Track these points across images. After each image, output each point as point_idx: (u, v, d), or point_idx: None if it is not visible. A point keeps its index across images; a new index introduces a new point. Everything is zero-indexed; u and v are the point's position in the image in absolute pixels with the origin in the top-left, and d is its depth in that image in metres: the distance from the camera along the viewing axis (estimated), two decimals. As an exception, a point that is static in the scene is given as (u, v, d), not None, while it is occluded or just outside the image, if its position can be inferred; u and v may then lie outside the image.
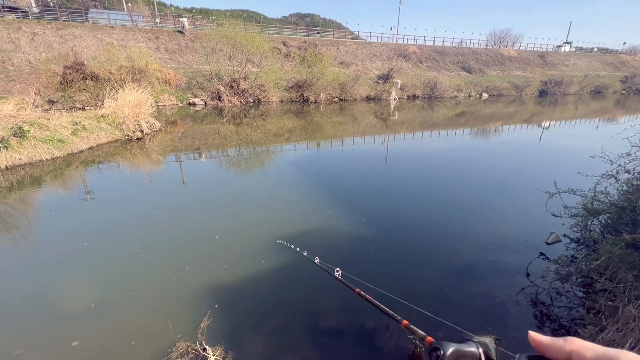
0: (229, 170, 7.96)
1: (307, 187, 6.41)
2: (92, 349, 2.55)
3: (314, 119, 16.18)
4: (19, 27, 19.98)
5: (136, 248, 3.99)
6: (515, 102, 26.25)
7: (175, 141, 10.41)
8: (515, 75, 35.14)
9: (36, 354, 2.50)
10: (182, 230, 4.57)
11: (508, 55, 38.01)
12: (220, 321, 2.81)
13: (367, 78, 26.40)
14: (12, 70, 17.53)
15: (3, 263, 3.82)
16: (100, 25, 22.95)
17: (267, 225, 4.73)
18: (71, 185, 6.41)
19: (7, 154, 6.87)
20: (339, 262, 3.83)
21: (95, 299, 3.11)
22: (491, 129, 14.43)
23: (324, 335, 2.73)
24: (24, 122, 7.83)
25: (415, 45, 34.69)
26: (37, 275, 3.54)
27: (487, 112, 20.46)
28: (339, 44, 30.15)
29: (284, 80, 22.94)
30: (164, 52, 22.71)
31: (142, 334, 2.70)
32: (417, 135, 12.49)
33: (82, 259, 3.81)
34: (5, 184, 6.15)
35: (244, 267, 3.66)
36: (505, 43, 48.32)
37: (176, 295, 3.18)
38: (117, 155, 8.48)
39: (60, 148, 7.85)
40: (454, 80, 30.03)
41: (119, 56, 18.31)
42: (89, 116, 9.81)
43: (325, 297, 3.21)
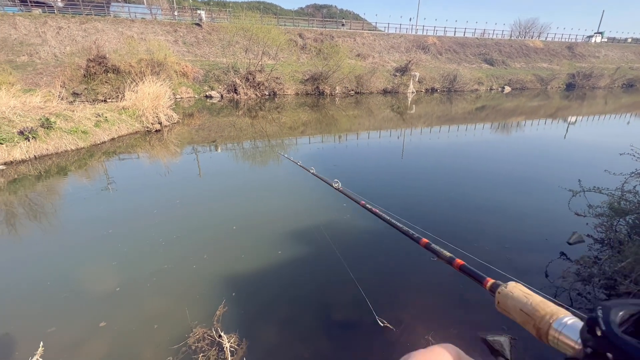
0: (244, 162, 8.06)
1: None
2: (118, 329, 2.69)
3: (329, 112, 16.09)
4: (45, 22, 20.71)
5: (157, 236, 4.13)
6: (539, 95, 25.22)
7: (192, 133, 10.61)
8: (540, 68, 33.67)
9: (67, 332, 2.65)
10: (201, 220, 4.68)
11: (533, 47, 36.39)
12: (235, 309, 2.88)
13: (384, 71, 25.95)
14: (39, 64, 18.24)
15: (35, 247, 4.03)
16: (121, 19, 23.47)
17: (282, 217, 4.78)
18: (94, 175, 6.66)
19: (35, 144, 7.19)
20: (351, 253, 3.85)
21: (120, 283, 3.25)
22: (513, 124, 13.94)
23: (337, 327, 2.75)
24: (50, 113, 8.16)
25: (435, 36, 33.71)
26: (67, 259, 3.73)
27: (509, 106, 19.75)
28: (355, 36, 29.69)
29: (300, 73, 22.86)
30: (181, 45, 23.03)
31: (162, 318, 2.81)
32: (434, 130, 12.22)
33: (107, 245, 3.97)
34: (34, 172, 6.46)
35: (261, 258, 3.72)
36: (531, 34, 46.23)
37: (194, 283, 3.28)
38: (137, 146, 8.73)
39: (84, 139, 8.15)
40: (474, 72, 29.09)
41: (138, 49, 18.72)
42: (110, 108, 10.12)
43: (338, 290, 3.23)
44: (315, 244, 4.07)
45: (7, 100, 8.36)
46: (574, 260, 3.65)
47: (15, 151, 6.85)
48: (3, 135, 6.84)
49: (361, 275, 3.48)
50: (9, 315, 2.85)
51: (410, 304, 3.07)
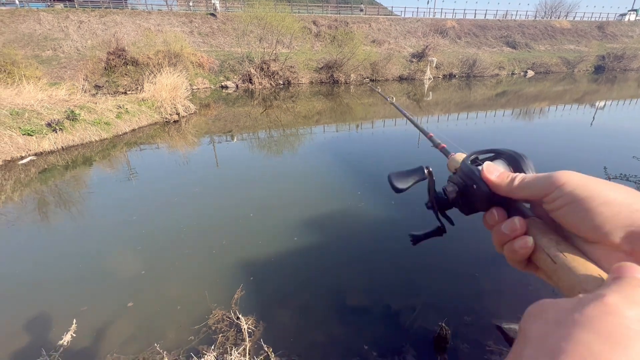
0: (260, 152, 8.15)
1: (336, 169, 6.43)
2: (144, 310, 2.86)
3: (343, 100, 15.93)
4: (67, 16, 21.28)
5: (179, 222, 4.30)
6: (565, 79, 23.99)
7: (209, 124, 10.79)
8: (567, 50, 31.88)
9: (99, 311, 2.84)
10: (219, 207, 4.83)
11: (560, 28, 34.41)
12: (252, 293, 2.99)
13: (400, 57, 25.29)
14: (63, 58, 18.86)
15: (66, 233, 4.29)
16: (138, 11, 23.79)
17: (298, 204, 4.85)
18: (117, 165, 6.93)
19: (62, 136, 7.53)
20: (365, 240, 3.88)
21: (144, 266, 3.44)
22: (535, 110, 13.38)
23: (350, 312, 2.81)
24: (75, 106, 8.49)
25: (454, 19, 32.41)
26: (96, 244, 3.95)
27: (532, 91, 18.92)
28: (371, 21, 28.96)
29: (314, 61, 22.62)
30: (197, 35, 23.18)
31: (184, 300, 2.96)
32: (452, 117, 11.91)
33: (132, 231, 4.18)
34: (62, 163, 6.78)
35: (277, 244, 3.82)
36: (558, 13, 43.65)
37: (213, 267, 3.42)
38: (157, 137, 8.98)
39: (106, 130, 8.45)
40: (495, 56, 27.89)
41: (155, 41, 19.00)
42: (130, 100, 10.40)
43: (353, 276, 3.28)
44: (330, 231, 4.12)
45: (35, 93, 8.75)
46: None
47: (44, 142, 7.20)
48: (33, 128, 7.19)
49: (375, 261, 3.51)
50: (46, 295, 3.07)
51: (424, 290, 3.09)
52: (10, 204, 5.11)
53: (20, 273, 3.40)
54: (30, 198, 5.38)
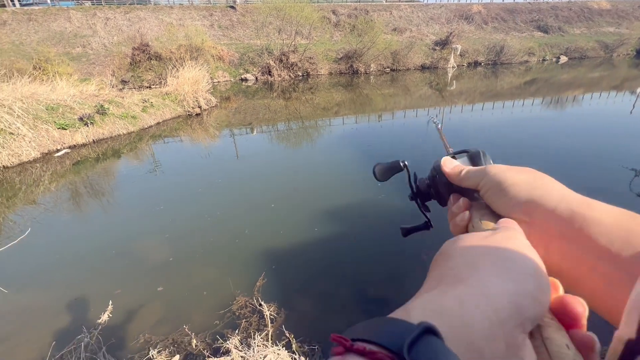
0: (279, 144, 8.22)
1: (356, 160, 6.39)
2: (173, 294, 3.01)
3: (363, 91, 15.70)
4: (94, 14, 22.07)
5: (203, 212, 4.45)
6: (602, 65, 22.45)
7: (229, 116, 10.97)
8: (605, 33, 29.68)
9: (131, 294, 3.02)
10: (241, 198, 4.95)
11: (598, 9, 32.02)
12: (274, 281, 3.06)
13: (423, 45, 24.48)
14: (91, 54, 19.66)
15: (99, 221, 4.54)
16: (160, 6, 24.29)
17: (318, 195, 4.88)
18: (144, 157, 7.21)
19: (93, 129, 7.90)
20: (387, 231, 3.85)
21: (172, 253, 3.60)
22: (568, 98, 12.64)
23: (370, 302, 2.83)
24: (104, 100, 8.86)
25: (480, 4, 30.88)
26: (127, 232, 4.18)
27: (565, 78, 17.85)
28: (392, 9, 28.14)
29: (333, 52, 22.34)
30: (217, 28, 23.43)
31: (209, 286, 3.09)
32: (476, 107, 11.47)
33: (160, 220, 4.37)
34: (93, 155, 7.14)
35: (298, 234, 3.88)
36: (595, -7, 40.53)
37: (236, 255, 3.54)
38: (180, 130, 9.24)
39: (133, 124, 8.78)
40: (525, 42, 26.43)
41: (177, 35, 19.38)
42: (155, 94, 10.72)
43: (373, 267, 3.29)
44: (350, 221, 4.13)
45: (67, 89, 9.19)
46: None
47: (77, 136, 7.58)
48: (67, 122, 7.59)
49: (397, 253, 3.49)
50: (84, 278, 3.29)
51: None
52: (47, 194, 5.45)
53: (61, 258, 3.65)
54: (65, 188, 5.72)
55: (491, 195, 0.40)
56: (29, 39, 19.76)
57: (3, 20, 20.30)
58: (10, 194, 5.38)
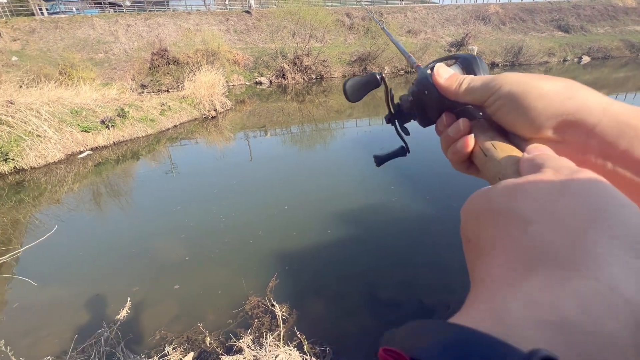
0: (292, 146, 8.29)
1: (369, 163, 6.37)
2: (189, 292, 3.09)
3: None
4: (116, 21, 22.92)
5: (218, 213, 4.54)
6: (628, 65, 21.55)
7: (244, 119, 11.14)
8: (631, 32, 28.49)
9: (149, 292, 3.12)
10: (256, 199, 5.02)
11: (623, 6, 30.80)
12: (286, 282, 3.09)
13: (438, 46, 24.20)
14: (113, 60, 20.40)
15: (118, 221, 4.71)
16: (179, 12, 25.00)
17: (331, 198, 4.89)
18: (161, 158, 7.42)
19: (114, 132, 8.19)
20: (399, 235, 3.82)
21: (188, 253, 3.69)
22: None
23: (382, 306, 2.81)
24: (124, 104, 9.18)
25: (498, 4, 30.26)
26: (145, 231, 4.33)
27: (587, 78, 17.24)
28: (406, 11, 27.96)
29: (347, 54, 22.37)
30: (233, 33, 23.88)
31: (223, 285, 3.15)
32: (493, 109, 11.23)
33: (176, 220, 4.49)
34: (114, 157, 7.40)
35: (311, 236, 3.92)
36: (620, -9, 39.04)
37: (250, 256, 3.60)
38: (196, 132, 9.46)
39: (152, 126, 9.05)
40: (545, 42, 25.70)
41: (195, 40, 19.89)
42: (172, 97, 11.02)
43: (385, 270, 3.27)
44: (363, 224, 4.12)
45: (90, 93, 9.58)
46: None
47: (99, 138, 7.88)
48: (89, 125, 7.90)
49: (409, 256, 3.46)
50: (104, 276, 3.42)
51: (458, 287, 3.00)
52: (71, 194, 5.69)
53: (83, 256, 3.81)
54: (87, 189, 5.95)
55: (507, 112, 0.31)
56: (55, 46, 20.71)
57: (32, 28, 21.36)
58: (36, 193, 5.64)
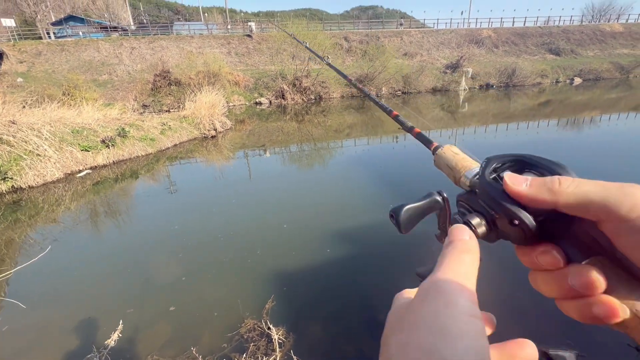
0: (291, 165, 8.33)
1: (368, 182, 6.38)
2: (184, 314, 3.01)
3: (374, 113, 15.90)
4: (121, 44, 23.60)
5: (217, 232, 4.51)
6: (619, 86, 22.11)
7: (243, 138, 11.26)
8: (620, 55, 29.47)
9: (143, 314, 3.03)
10: (254, 219, 4.99)
11: (611, 31, 32.02)
12: (284, 303, 3.01)
13: (433, 68, 24.87)
14: (116, 81, 20.84)
15: (115, 240, 4.65)
16: (182, 36, 25.82)
17: (330, 217, 4.86)
18: (160, 177, 7.42)
19: (114, 151, 8.24)
20: (397, 255, 3.77)
21: (185, 273, 3.63)
22: (585, 120, 12.42)
23: (381, 328, 2.73)
24: (125, 124, 9.29)
25: (490, 28, 31.42)
26: (142, 251, 4.26)
27: (580, 99, 17.63)
28: (402, 35, 28.94)
29: (345, 76, 22.93)
30: (234, 55, 24.56)
31: (220, 307, 3.07)
32: (490, 129, 11.40)
33: (174, 239, 4.44)
34: (112, 176, 7.40)
35: (309, 255, 3.87)
36: (608, 17, 40.78)
37: (248, 276, 3.53)
38: (196, 151, 9.52)
39: (151, 145, 9.12)
40: (537, 64, 26.47)
41: (196, 62, 20.40)
42: (173, 117, 11.18)
43: (385, 291, 3.20)
44: (362, 244, 4.07)
45: (92, 113, 9.72)
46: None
47: (99, 157, 7.92)
48: (90, 144, 7.96)
49: (408, 277, 3.40)
50: (98, 297, 3.33)
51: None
52: (68, 213, 5.64)
53: (78, 276, 3.73)
54: (84, 208, 5.91)
55: None
56: (60, 68, 21.21)
57: (39, 51, 21.95)
58: (33, 212, 5.60)
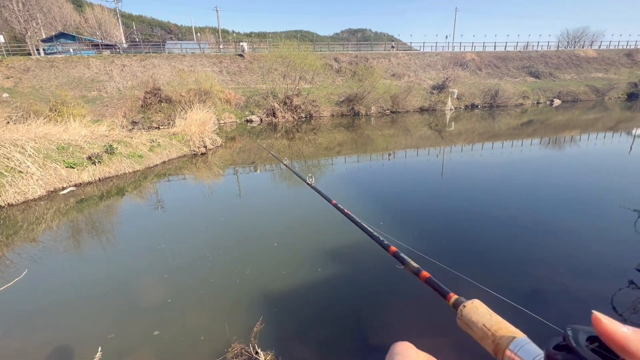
0: (282, 182, 8.31)
1: (358, 199, 6.40)
2: (169, 338, 2.87)
3: (364, 132, 16.17)
4: (112, 61, 23.66)
5: (205, 251, 4.40)
6: (595, 107, 23.20)
7: (233, 155, 11.23)
8: (594, 78, 31.14)
9: (125, 339, 2.88)
10: (244, 237, 4.91)
11: (585, 56, 33.94)
12: (273, 326, 2.92)
13: (421, 89, 25.69)
14: (106, 97, 20.74)
15: (98, 260, 4.47)
16: (174, 55, 26.09)
17: (320, 235, 4.82)
18: (147, 195, 7.27)
19: (100, 168, 8.08)
20: (388, 275, 3.73)
21: (171, 295, 3.49)
22: (565, 139, 12.91)
23: (372, 351, 2.66)
24: (113, 140, 9.17)
25: (474, 52, 32.90)
26: (127, 271, 4.09)
27: (561, 119, 18.38)
28: (390, 57, 29.98)
29: (335, 95, 23.42)
30: (225, 74, 24.88)
31: (207, 330, 2.95)
32: (476, 147, 11.71)
33: (160, 258, 4.30)
34: (98, 193, 7.23)
35: (301, 275, 3.80)
36: (582, 43, 43.31)
37: (236, 297, 3.42)
38: (185, 168, 9.43)
39: (139, 162, 8.99)
40: (518, 86, 27.67)
41: (188, 80, 20.54)
42: (162, 134, 11.11)
43: (376, 312, 3.14)
44: (353, 263, 4.03)
45: (79, 130, 9.57)
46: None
47: (84, 174, 7.74)
48: (75, 161, 7.80)
49: (400, 298, 3.36)
50: (76, 322, 3.16)
51: (449, 329, 2.89)
52: (48, 232, 5.43)
53: (56, 300, 3.54)
54: (66, 226, 5.71)
55: None
56: (49, 84, 21.01)
57: (27, 67, 21.76)
58: (11, 231, 5.37)
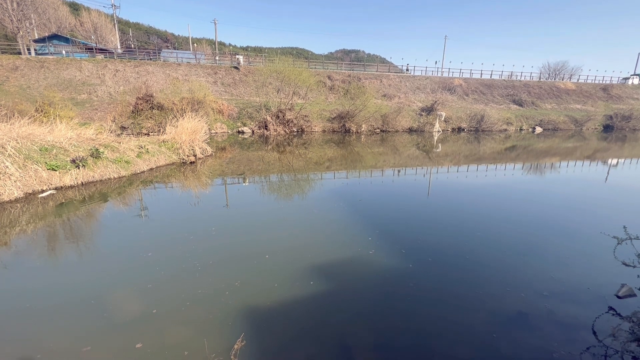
0: (270, 195, 8.25)
1: (346, 214, 6.40)
2: (152, 352, 2.73)
3: (354, 149, 16.37)
4: (105, 65, 23.48)
5: (193, 261, 4.28)
6: (574, 137, 24.28)
7: (223, 166, 11.14)
8: (573, 109, 32.78)
9: (102, 352, 2.71)
10: (232, 248, 4.81)
11: (565, 88, 35.82)
12: (256, 344, 2.83)
13: (410, 110, 26.39)
14: (96, 101, 20.43)
15: (77, 268, 4.27)
16: (169, 63, 26.13)
17: (306, 249, 4.76)
18: (132, 201, 7.08)
19: (84, 172, 7.86)
20: (375, 291, 3.70)
21: (155, 305, 3.35)
22: (546, 165, 13.39)
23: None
24: (100, 144, 8.98)
25: (461, 78, 34.26)
26: (109, 281, 3.91)
27: (542, 146, 19.12)
28: (382, 78, 30.85)
29: (327, 112, 23.78)
30: (220, 85, 25.00)
31: (192, 344, 2.83)
32: (462, 169, 11.99)
33: (145, 268, 4.15)
34: (79, 197, 6.99)
35: (293, 287, 3.75)
36: (562, 75, 45.80)
37: (224, 310, 3.32)
38: (172, 176, 9.27)
39: (126, 168, 8.80)
40: (503, 113, 28.81)
41: (182, 89, 20.52)
42: (152, 141, 10.96)
43: (361, 329, 3.09)
44: (339, 278, 3.99)
45: (65, 132, 9.34)
46: (625, 317, 3.29)
47: (66, 177, 7.51)
48: (58, 163, 7.56)
49: (385, 315, 3.32)
50: (48, 334, 2.96)
51: (437, 351, 2.86)
52: (22, 237, 5.19)
53: (24, 310, 3.33)
54: (43, 231, 5.47)
55: None
56: (37, 84, 20.60)
57: (15, 66, 21.34)
58: (-18, 234, 5.10)
